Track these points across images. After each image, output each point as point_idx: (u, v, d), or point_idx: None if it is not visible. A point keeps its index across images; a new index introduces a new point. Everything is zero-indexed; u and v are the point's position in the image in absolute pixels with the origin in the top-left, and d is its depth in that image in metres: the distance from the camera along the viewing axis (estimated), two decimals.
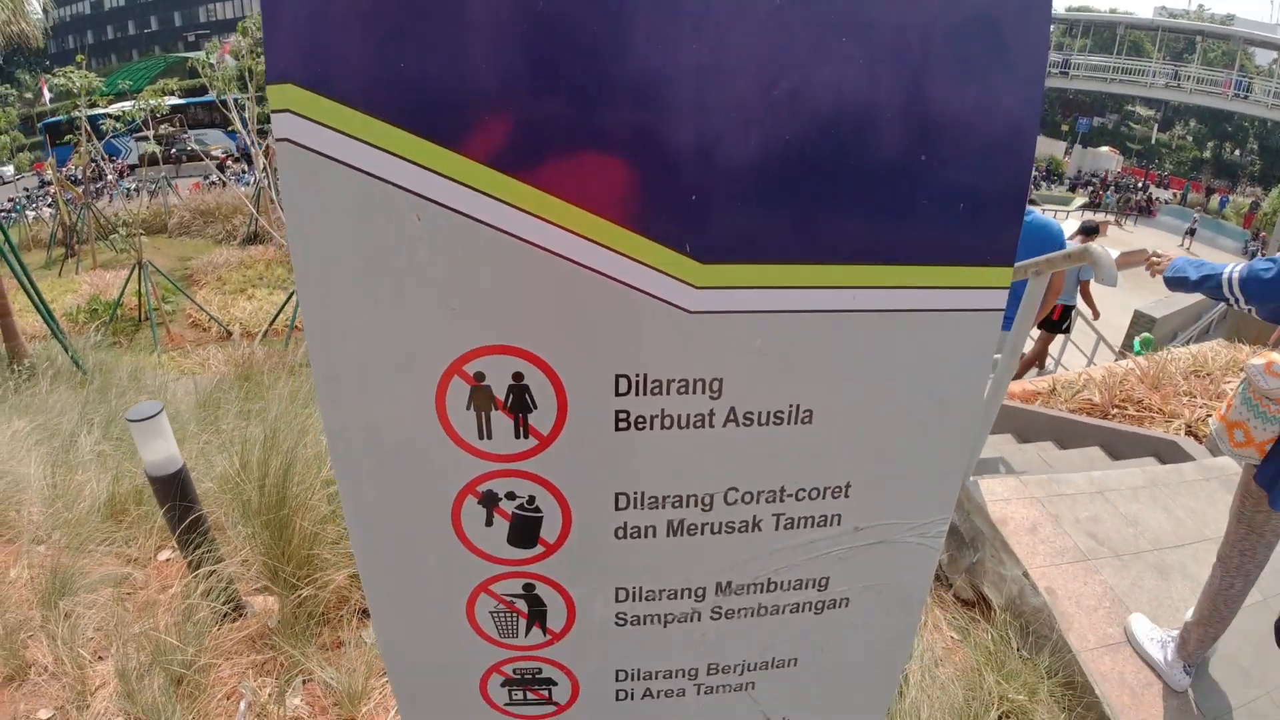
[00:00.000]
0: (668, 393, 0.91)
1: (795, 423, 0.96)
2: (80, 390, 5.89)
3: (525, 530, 0.99)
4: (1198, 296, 10.38)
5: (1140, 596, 2.85)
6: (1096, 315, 7.50)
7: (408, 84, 0.77)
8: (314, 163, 0.79)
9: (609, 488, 0.97)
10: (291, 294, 8.07)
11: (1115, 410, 4.76)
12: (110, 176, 21.23)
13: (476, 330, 0.87)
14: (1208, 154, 39.26)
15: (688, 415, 0.93)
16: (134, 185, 19.95)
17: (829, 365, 0.93)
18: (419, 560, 1.01)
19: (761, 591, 1.10)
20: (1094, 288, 7.20)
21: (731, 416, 0.94)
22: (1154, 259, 2.41)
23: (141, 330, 10.31)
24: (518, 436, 0.92)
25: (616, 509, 0.98)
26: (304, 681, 2.41)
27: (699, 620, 1.10)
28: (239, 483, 2.74)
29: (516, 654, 1.12)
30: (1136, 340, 8.91)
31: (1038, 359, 8.03)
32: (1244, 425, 2.12)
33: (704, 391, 0.92)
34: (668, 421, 0.93)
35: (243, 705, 2.38)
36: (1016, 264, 2.78)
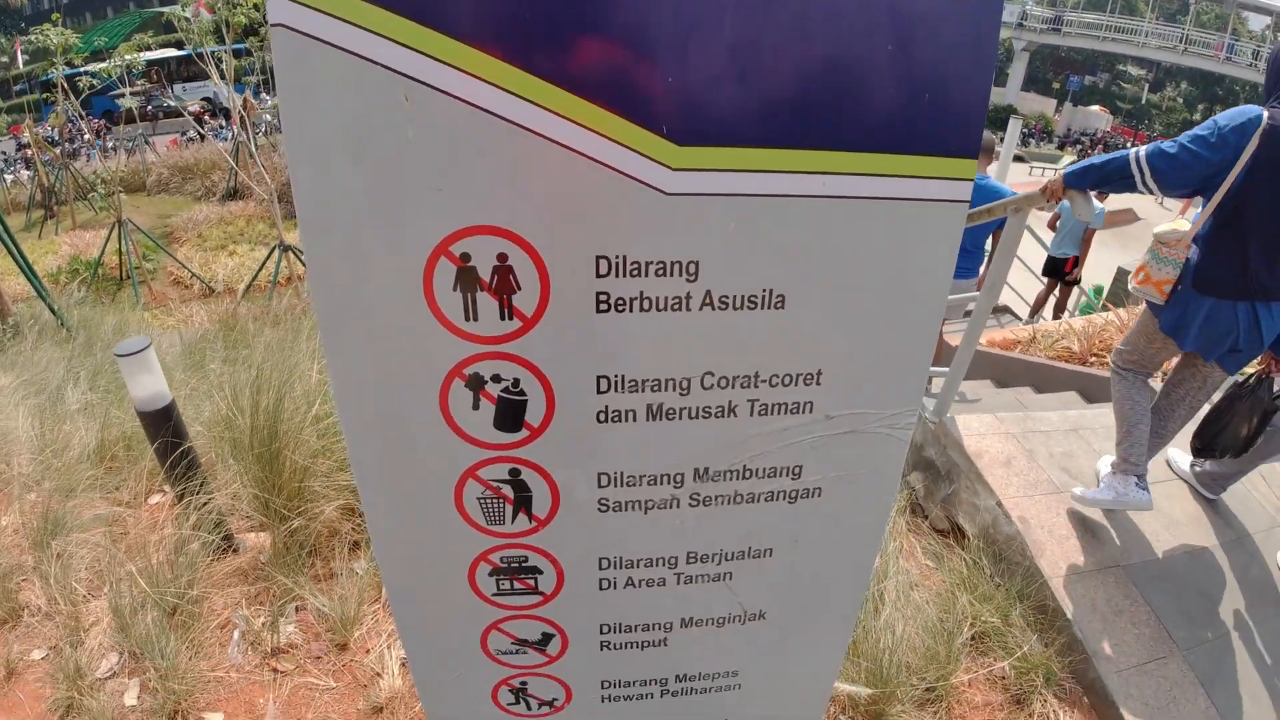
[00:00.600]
0: (646, 275, 0.95)
1: (768, 307, 1.00)
2: (65, 346, 5.87)
3: (510, 413, 1.03)
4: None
5: (1113, 528, 2.94)
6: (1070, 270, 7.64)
7: None
8: (307, 47, 0.81)
9: (590, 370, 1.01)
10: (273, 249, 7.99)
11: (1093, 359, 4.85)
12: (87, 135, 20.77)
13: (462, 211, 0.89)
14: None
15: (665, 297, 0.97)
16: (111, 144, 19.55)
17: (800, 251, 0.97)
18: (408, 446, 1.05)
19: (738, 479, 1.15)
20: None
21: (707, 300, 0.98)
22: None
23: (123, 289, 10.20)
24: (503, 318, 0.95)
25: (598, 392, 1.02)
26: (297, 609, 2.47)
27: (678, 507, 1.16)
28: (230, 418, 2.77)
29: (503, 541, 1.17)
30: (1090, 289, 9.04)
31: (1041, 305, 8.16)
32: (1145, 268, 2.56)
33: (681, 274, 0.96)
34: (646, 304, 0.97)
35: (236, 635, 2.44)
36: (997, 202, 2.82)
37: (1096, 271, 9.85)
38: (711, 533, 1.21)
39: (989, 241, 4.43)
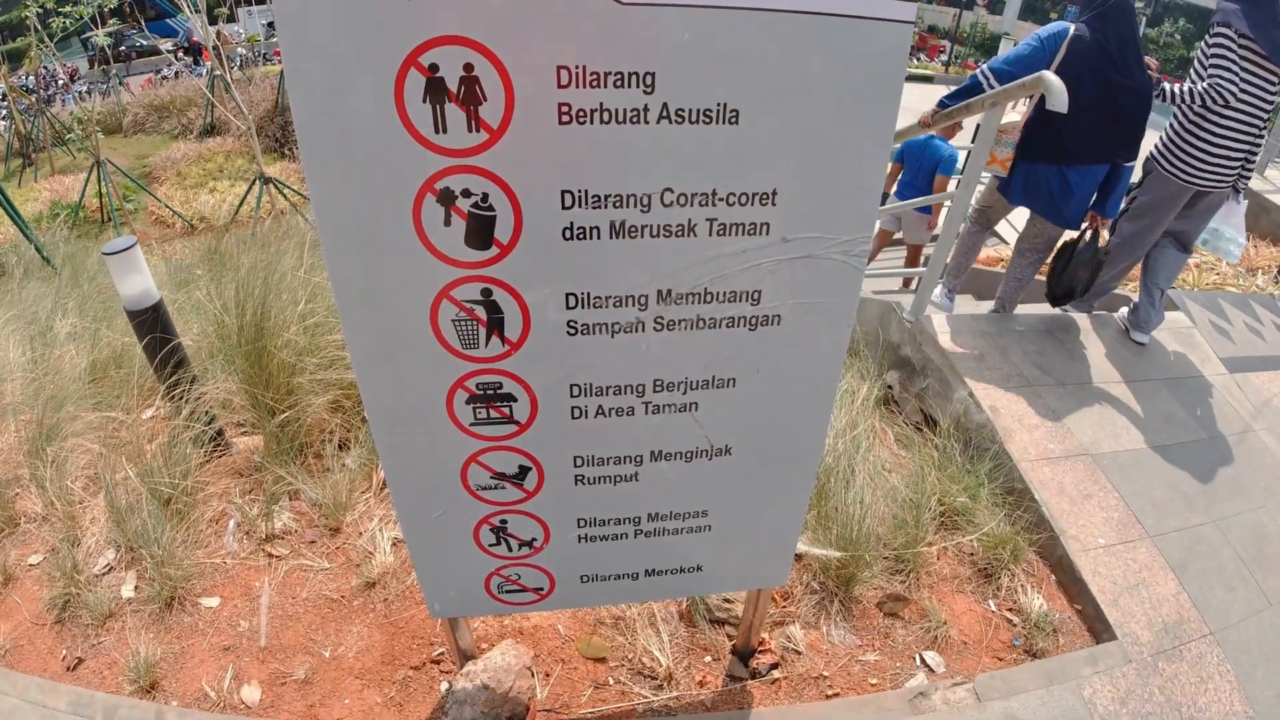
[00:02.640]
0: (605, 85, 0.99)
1: (723, 122, 1.05)
2: (52, 282, 5.86)
3: (480, 229, 1.08)
4: None
5: (1082, 420, 3.04)
6: None
7: None
8: None
9: (555, 185, 1.06)
10: (253, 182, 7.90)
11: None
12: (62, 80, 20.18)
13: (430, 22, 0.93)
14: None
15: (624, 109, 1.01)
16: (85, 87, 19.03)
17: (752, 65, 1.02)
18: (385, 265, 1.11)
19: (699, 302, 1.21)
20: None
21: (664, 113, 1.03)
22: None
23: (105, 230, 10.11)
24: (470, 130, 1.00)
25: (563, 207, 1.08)
26: (290, 498, 2.57)
27: (643, 331, 1.23)
28: (219, 319, 2.81)
29: (479, 367, 1.24)
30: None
31: None
32: (993, 152, 3.09)
33: (638, 85, 1.00)
34: (606, 115, 1.01)
35: (231, 524, 2.53)
36: (974, 99, 2.84)
37: None
38: (676, 359, 1.28)
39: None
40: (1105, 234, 3.34)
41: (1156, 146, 3.26)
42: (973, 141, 3.09)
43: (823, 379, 1.39)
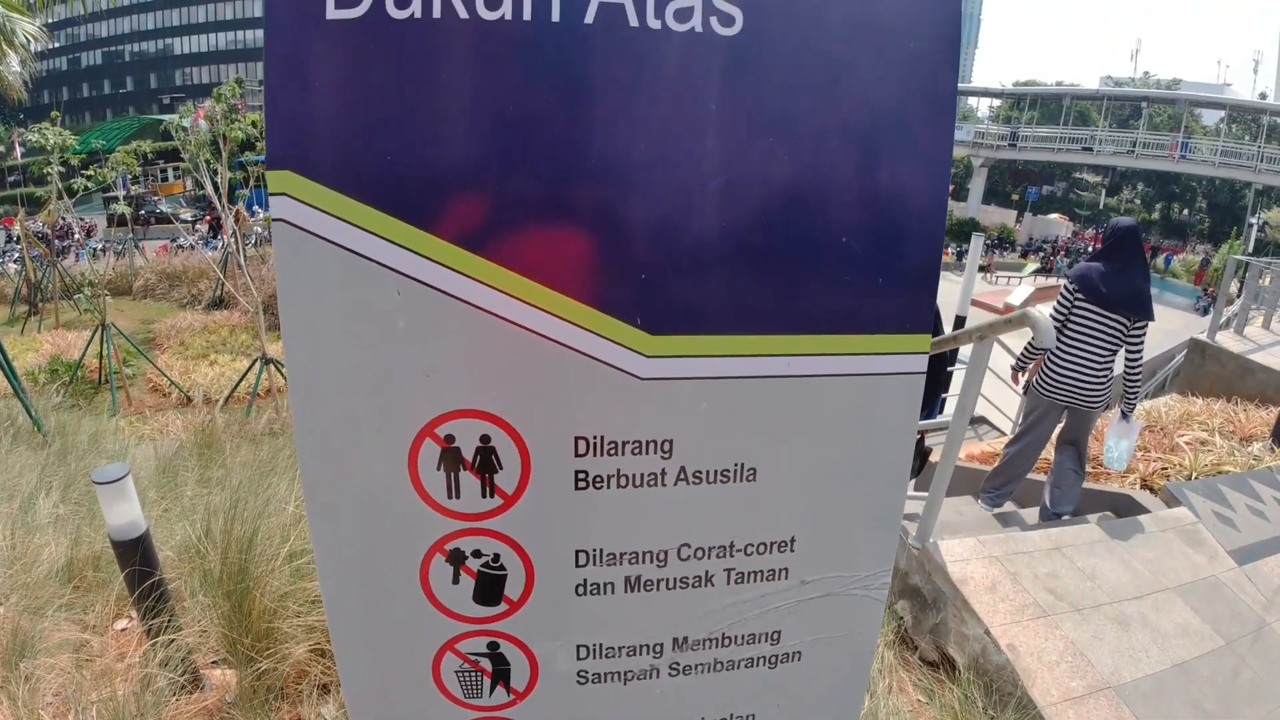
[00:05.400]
0: (623, 453, 0.99)
1: (741, 480, 1.04)
2: (40, 452, 5.78)
3: (490, 588, 1.04)
4: (1154, 353, 10.78)
5: (1101, 649, 2.91)
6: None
7: (392, 172, 0.87)
8: (307, 242, 0.87)
9: (570, 545, 1.03)
10: (254, 361, 8.02)
11: None
12: (78, 235, 21.09)
13: (448, 396, 0.94)
14: (1156, 215, 40.85)
15: (642, 474, 1.00)
16: (100, 245, 19.86)
17: (769, 426, 1.02)
18: (387, 617, 1.05)
19: (717, 646, 1.15)
20: None
21: (682, 475, 1.01)
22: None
23: (101, 393, 10.13)
24: (484, 496, 0.98)
25: (577, 566, 1.04)
26: None
27: (658, 677, 1.15)
28: (200, 550, 2.71)
29: (481, 714, 1.15)
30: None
31: None
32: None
33: (656, 452, 1.00)
34: (624, 480, 1.00)
35: None
36: (959, 331, 2.93)
37: None
38: (692, 700, 1.19)
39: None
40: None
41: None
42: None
43: (846, 704, 1.29)
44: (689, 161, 0.91)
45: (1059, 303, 3.64)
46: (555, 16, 0.86)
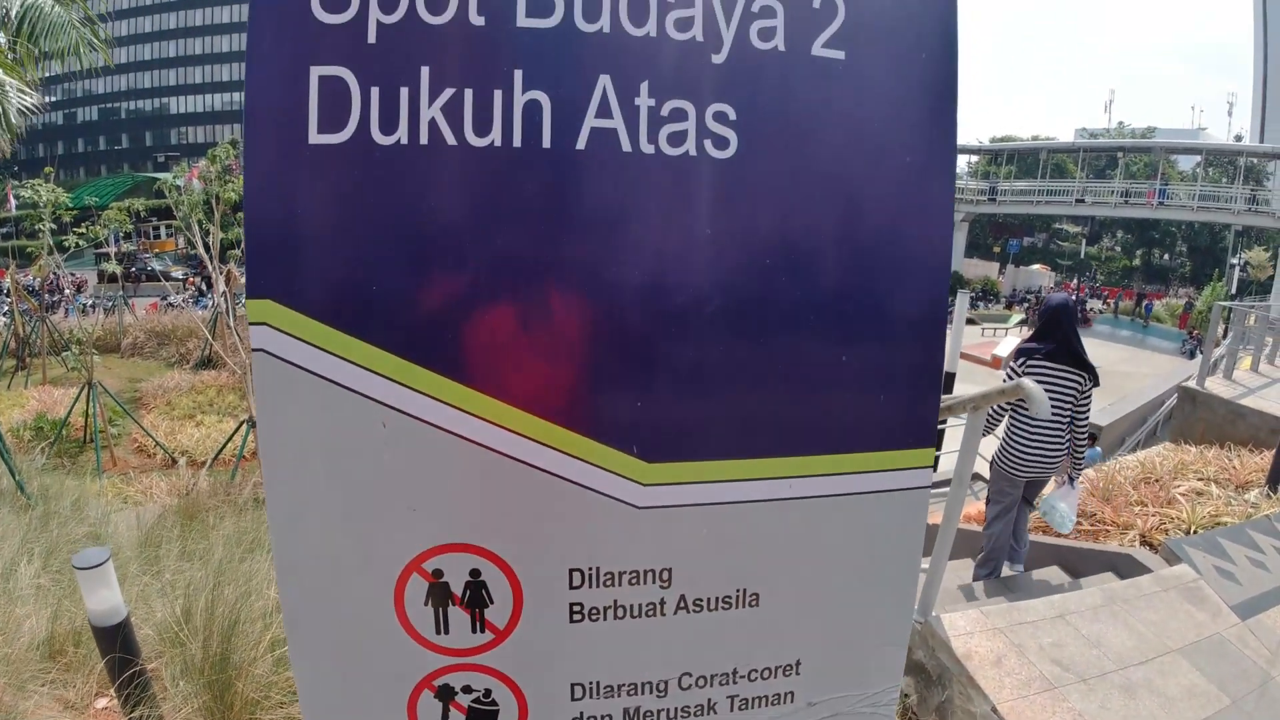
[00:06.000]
0: (619, 584, 0.95)
1: (743, 606, 1.00)
2: (23, 515, 5.66)
3: None
4: (1144, 400, 10.84)
5: (1110, 716, 2.83)
6: None
7: (378, 303, 0.84)
8: (288, 373, 0.84)
9: (565, 678, 0.98)
10: (241, 424, 7.92)
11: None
12: (68, 291, 21.02)
13: (436, 529, 0.90)
14: (1137, 261, 41.41)
15: (639, 604, 0.96)
16: (90, 301, 19.78)
17: (771, 550, 0.99)
18: None
19: None
20: None
21: (682, 604, 0.97)
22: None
23: (86, 452, 9.96)
24: (474, 631, 0.94)
25: (572, 699, 0.99)
26: None
27: None
28: (181, 638, 2.62)
29: None
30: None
31: None
32: None
33: (654, 581, 0.96)
34: (620, 611, 0.96)
35: None
36: (954, 399, 2.92)
37: None
38: None
39: None
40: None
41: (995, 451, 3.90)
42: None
43: None
44: (684, 287, 0.90)
45: (1008, 378, 3.74)
46: (546, 143, 0.86)
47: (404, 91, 0.83)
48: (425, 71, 0.83)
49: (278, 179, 0.83)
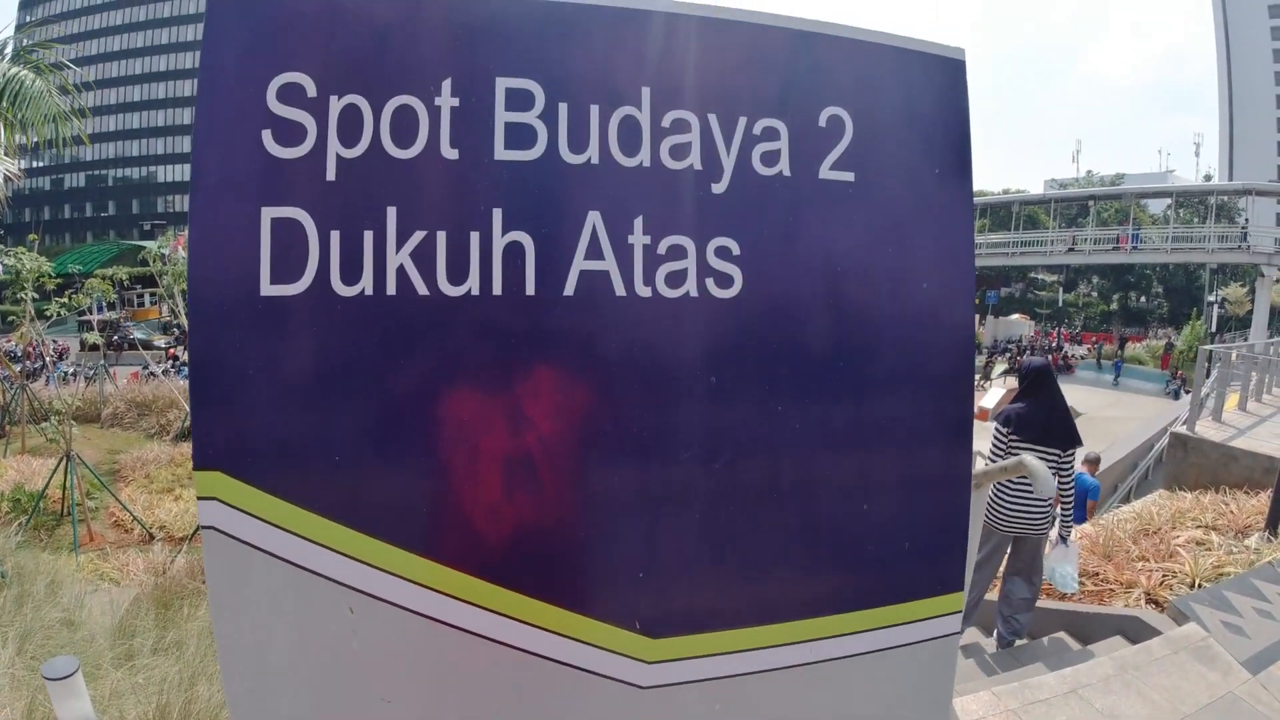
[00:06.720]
0: None
1: None
2: None
3: None
4: (1133, 444, 10.80)
5: None
6: None
7: (342, 476, 0.75)
8: (242, 554, 0.74)
9: None
10: None
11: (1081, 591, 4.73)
12: (49, 358, 20.71)
13: None
14: (1114, 306, 41.92)
15: None
16: (72, 369, 19.47)
17: (790, 717, 0.88)
18: None
19: None
20: None
21: None
22: None
23: (63, 524, 9.66)
24: None
25: None
26: None
27: None
28: None
29: None
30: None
31: None
32: None
33: None
34: None
35: None
36: None
37: None
38: None
39: None
40: None
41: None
42: None
43: None
44: (689, 442, 0.81)
45: (995, 443, 3.78)
46: (530, 290, 0.78)
47: (368, 235, 0.75)
48: (392, 212, 0.76)
49: (227, 335, 0.74)
